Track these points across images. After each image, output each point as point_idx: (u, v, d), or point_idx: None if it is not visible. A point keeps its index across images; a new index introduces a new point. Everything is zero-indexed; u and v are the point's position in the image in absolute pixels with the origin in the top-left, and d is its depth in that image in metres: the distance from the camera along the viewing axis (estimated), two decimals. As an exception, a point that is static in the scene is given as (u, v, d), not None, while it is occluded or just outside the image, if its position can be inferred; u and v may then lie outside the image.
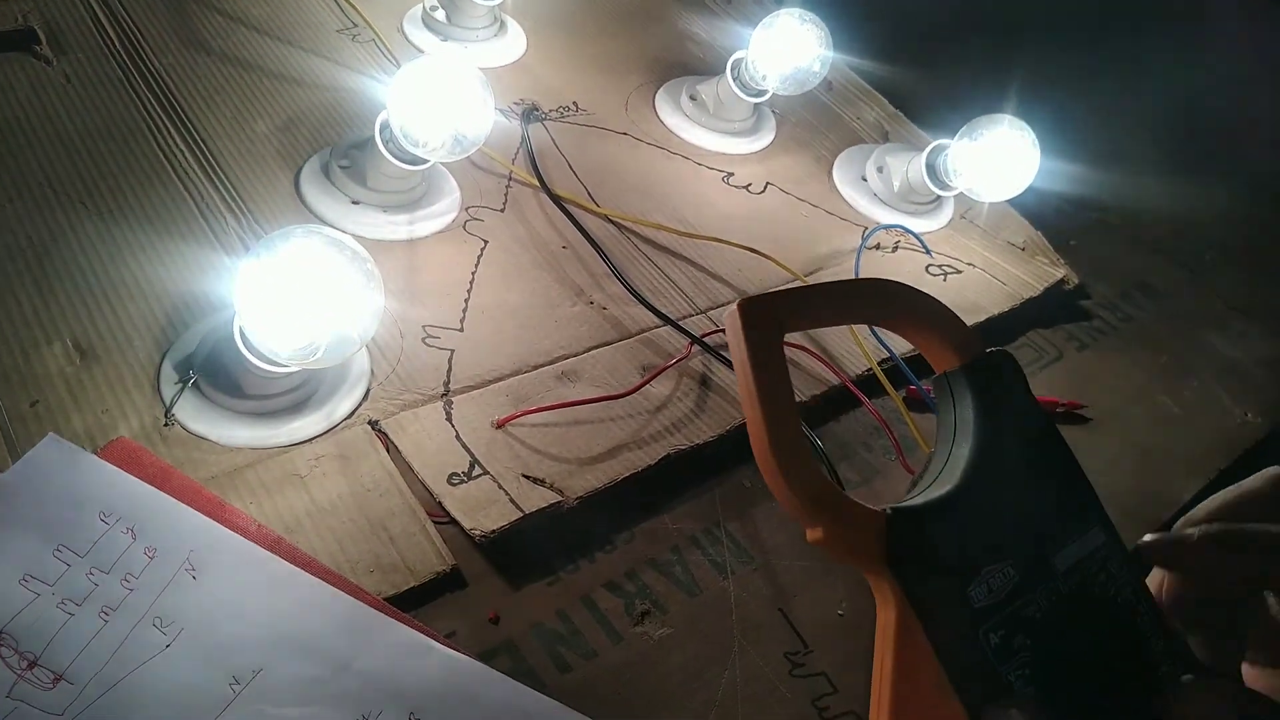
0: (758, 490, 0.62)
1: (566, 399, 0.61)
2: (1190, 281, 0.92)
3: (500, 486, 0.56)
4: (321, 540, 0.51)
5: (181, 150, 0.70)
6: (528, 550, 0.55)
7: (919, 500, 0.33)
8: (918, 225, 0.85)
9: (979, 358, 0.36)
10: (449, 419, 0.59)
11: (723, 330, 0.69)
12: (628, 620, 0.53)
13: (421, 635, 0.47)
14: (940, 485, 0.34)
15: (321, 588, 0.47)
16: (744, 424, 0.34)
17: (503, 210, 0.74)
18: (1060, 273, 0.84)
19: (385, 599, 0.49)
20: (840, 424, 0.68)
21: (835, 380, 0.68)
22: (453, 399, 0.60)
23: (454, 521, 0.54)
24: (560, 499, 0.56)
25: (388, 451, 0.57)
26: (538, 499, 0.55)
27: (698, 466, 0.61)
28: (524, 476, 0.57)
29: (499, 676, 0.46)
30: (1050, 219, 0.90)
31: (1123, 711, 0.32)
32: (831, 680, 0.53)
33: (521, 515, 0.54)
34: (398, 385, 0.60)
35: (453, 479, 0.56)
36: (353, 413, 0.58)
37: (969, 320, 0.59)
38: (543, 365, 0.64)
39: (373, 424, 0.58)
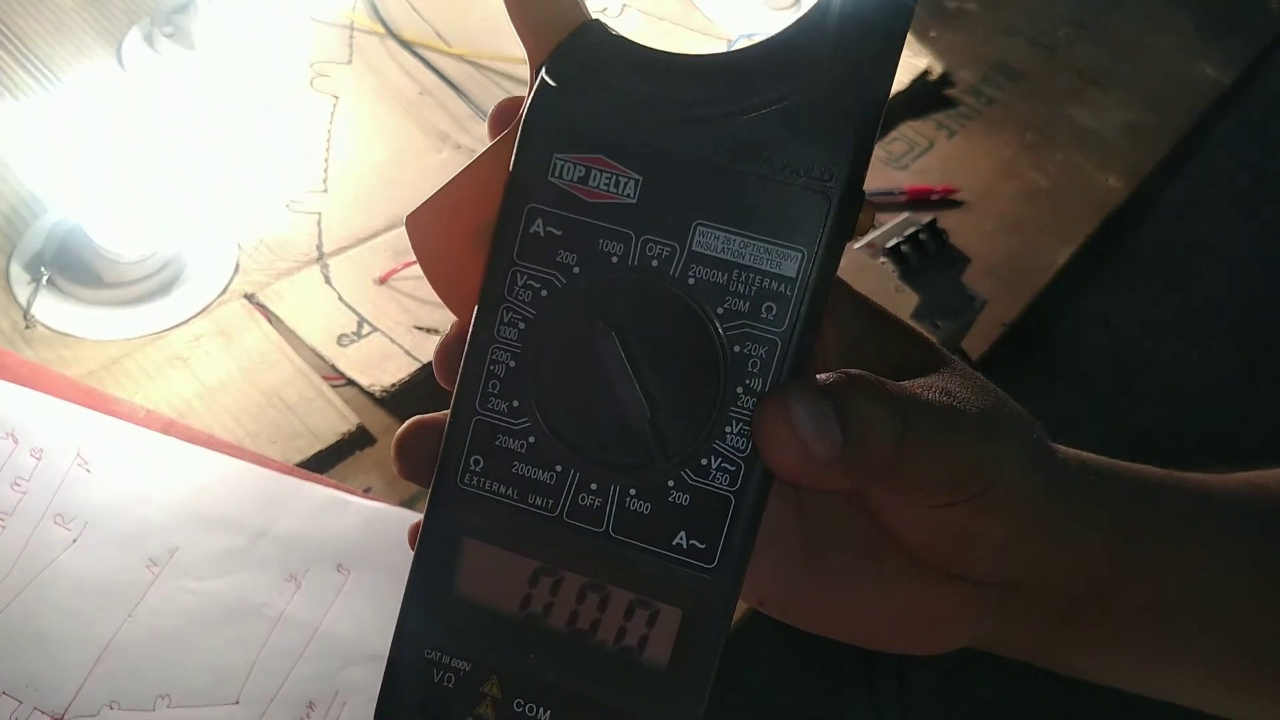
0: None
1: (448, 246, 0.59)
2: (1048, 59, 0.94)
3: (393, 341, 0.55)
4: (217, 419, 0.50)
5: (-20, 35, 0.63)
6: (433, 399, 0.54)
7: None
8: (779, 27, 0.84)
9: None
10: (328, 281, 0.57)
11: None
12: (541, 450, 0.54)
13: (337, 492, 0.47)
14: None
15: (226, 461, 0.46)
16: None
17: (349, 62, 0.70)
18: (923, 64, 0.84)
19: (294, 465, 0.49)
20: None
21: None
22: (328, 261, 0.58)
23: (351, 382, 0.53)
24: (456, 344, 0.55)
25: (270, 323, 0.55)
26: (433, 347, 0.55)
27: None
28: (416, 328, 0.56)
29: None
30: (910, 11, 0.89)
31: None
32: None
33: (419, 366, 0.54)
34: (268, 255, 0.58)
35: (342, 340, 0.55)
36: (225, 289, 0.56)
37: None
38: (418, 216, 0.62)
39: (249, 297, 0.56)
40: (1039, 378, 1.18)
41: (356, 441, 0.52)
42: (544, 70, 0.23)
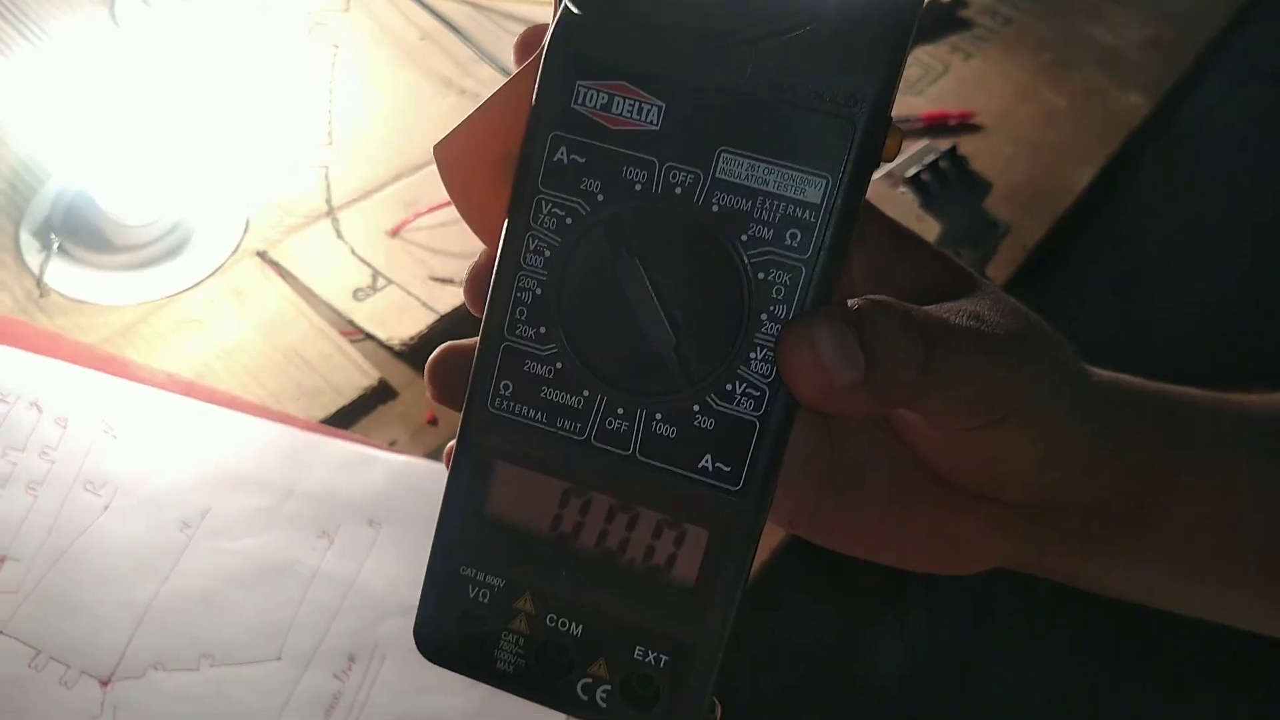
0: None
1: (459, 195, 0.59)
2: (1064, -25, 0.91)
3: (409, 293, 0.54)
4: (237, 379, 0.50)
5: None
6: (452, 350, 0.54)
7: None
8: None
9: None
10: (339, 235, 0.56)
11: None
12: (564, 397, 0.54)
13: (362, 447, 0.46)
14: None
15: (250, 420, 0.46)
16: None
17: (347, 10, 0.69)
18: (936, -15, 0.82)
19: (317, 422, 0.48)
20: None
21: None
22: (338, 215, 0.57)
23: (370, 336, 0.53)
24: (473, 294, 0.54)
25: (283, 280, 0.54)
26: (451, 299, 0.54)
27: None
28: (431, 279, 0.55)
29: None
30: (920, -69, 0.86)
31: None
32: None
33: (437, 317, 0.53)
34: (277, 212, 0.57)
35: (358, 294, 0.54)
36: (237, 247, 0.55)
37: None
38: (425, 164, 0.61)
39: (261, 255, 0.55)
40: (1055, 298, 1.16)
41: (379, 396, 0.51)
42: None
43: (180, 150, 0.52)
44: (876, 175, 0.56)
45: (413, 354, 0.53)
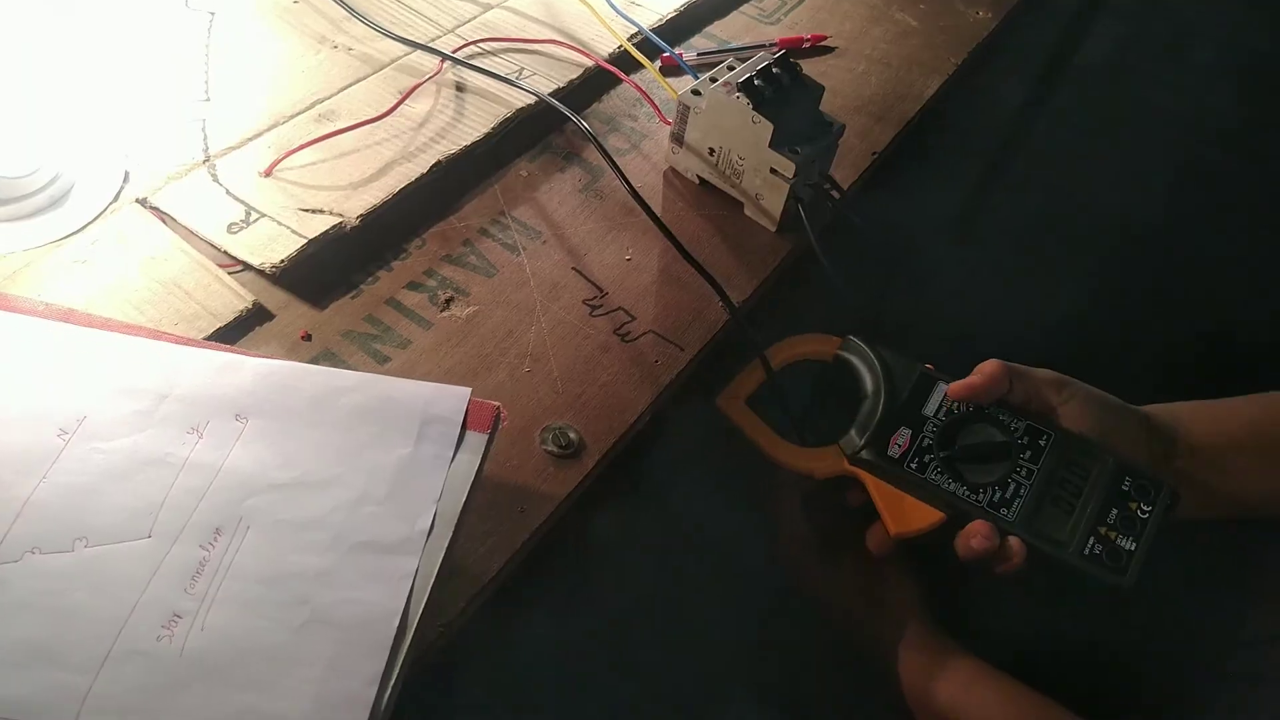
0: (537, 176, 0.65)
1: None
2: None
3: (280, 224, 0.57)
4: (119, 309, 0.53)
5: None
6: (324, 273, 0.57)
7: (858, 440, 0.55)
8: None
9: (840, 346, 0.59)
10: (216, 180, 0.60)
11: (473, 42, 0.70)
12: (434, 309, 0.57)
13: (235, 354, 0.50)
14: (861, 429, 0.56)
15: (126, 339, 0.49)
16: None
17: (222, -22, 0.72)
18: (795, -75, 0.86)
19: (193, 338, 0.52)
20: (604, 102, 0.71)
21: (590, 63, 0.70)
22: (215, 162, 0.61)
23: (246, 266, 0.56)
24: (341, 220, 0.58)
25: (164, 223, 0.58)
26: (319, 225, 0.57)
27: (475, 167, 0.64)
28: (301, 210, 0.58)
29: (314, 367, 0.49)
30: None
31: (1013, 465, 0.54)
32: (628, 311, 0.59)
33: (306, 241, 0.56)
34: (157, 163, 0.60)
35: (232, 228, 0.57)
36: (117, 195, 0.58)
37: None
38: (299, 113, 0.64)
39: (141, 202, 0.58)
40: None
41: (255, 318, 0.55)
42: None
43: (60, 106, 0.55)
44: (713, 85, 0.60)
45: (285, 277, 0.56)
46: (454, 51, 0.69)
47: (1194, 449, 0.57)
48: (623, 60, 0.71)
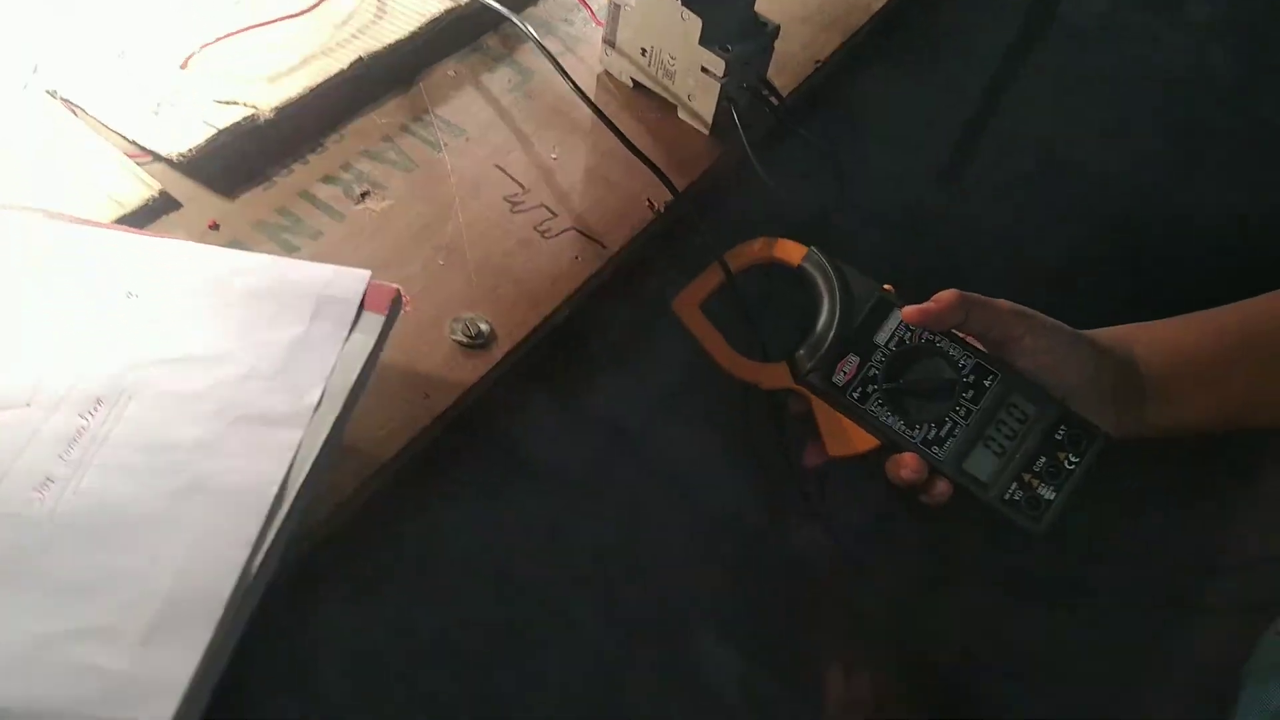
0: (465, 76, 0.64)
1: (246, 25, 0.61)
2: None
3: (192, 115, 0.56)
4: (15, 196, 0.52)
5: None
6: (237, 164, 0.56)
7: (806, 362, 0.54)
8: None
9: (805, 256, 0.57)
10: (128, 71, 0.58)
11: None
12: (349, 202, 0.56)
13: (131, 233, 0.48)
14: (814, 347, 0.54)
15: (18, 214, 0.48)
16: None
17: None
18: None
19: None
20: (540, 6, 0.69)
21: (525, -34, 0.68)
22: (127, 53, 0.59)
23: (156, 158, 0.55)
24: (255, 111, 0.57)
25: (73, 114, 0.56)
26: (233, 115, 0.56)
27: (401, 64, 0.63)
28: (216, 101, 0.57)
29: (212, 248, 0.48)
30: None
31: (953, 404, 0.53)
32: (550, 209, 0.58)
33: (217, 131, 0.55)
34: (67, 53, 0.59)
35: (143, 119, 0.56)
36: (26, 86, 0.57)
37: None
38: (218, 4, 0.63)
39: (51, 92, 0.57)
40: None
41: (163, 207, 0.54)
42: None
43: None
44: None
45: (196, 168, 0.55)
46: (384, -48, 0.67)
47: (1148, 375, 0.55)
48: (559, -35, 0.70)
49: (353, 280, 0.47)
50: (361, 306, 0.46)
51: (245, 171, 0.56)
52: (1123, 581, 0.65)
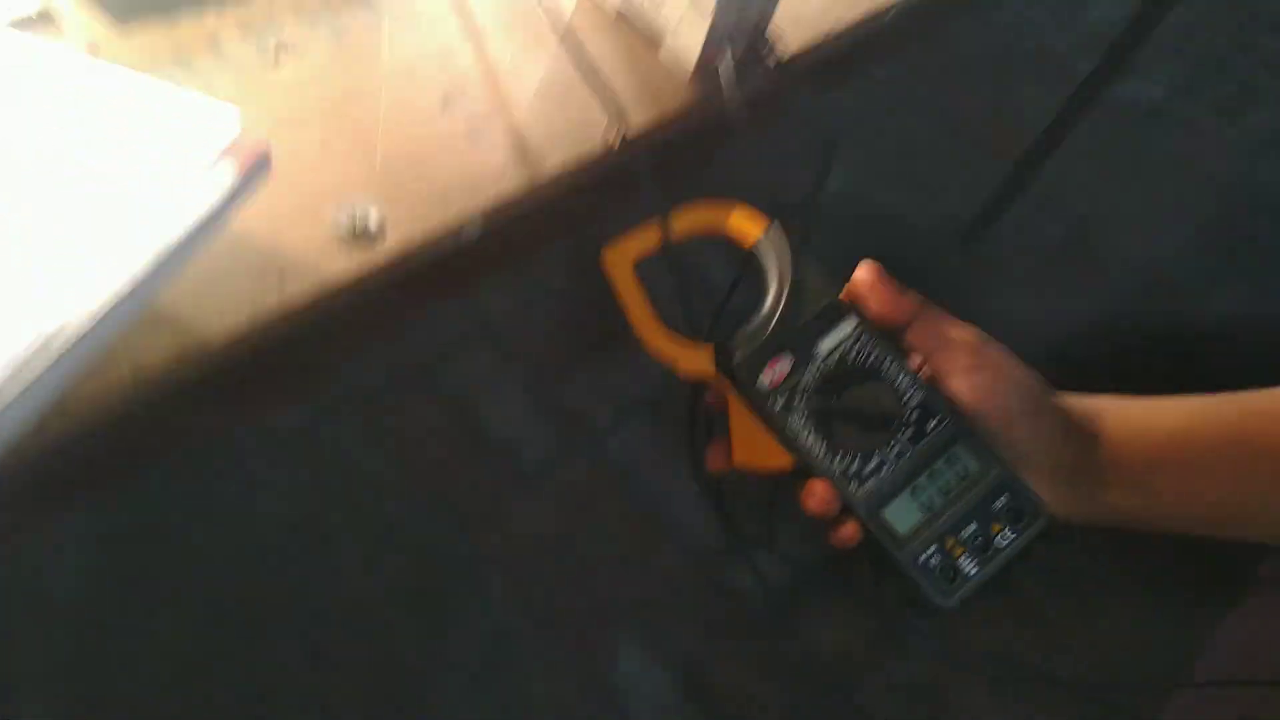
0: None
1: None
2: None
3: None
4: None
5: None
6: (140, -6, 0.49)
7: (735, 353, 0.46)
8: None
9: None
10: None
11: None
12: (259, 59, 0.48)
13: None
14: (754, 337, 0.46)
15: None
16: None
17: None
18: None
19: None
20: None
21: None
22: None
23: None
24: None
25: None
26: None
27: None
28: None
29: (73, 54, 0.40)
30: None
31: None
32: (487, 115, 0.50)
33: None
34: None
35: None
36: None
37: None
38: None
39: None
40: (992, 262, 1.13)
41: (40, 25, 0.46)
42: None
43: None
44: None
45: (89, -17, 0.47)
46: None
47: (1121, 454, 0.46)
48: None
49: (219, 118, 0.39)
50: (223, 152, 0.39)
51: (150, 3, 0.49)
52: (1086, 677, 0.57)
